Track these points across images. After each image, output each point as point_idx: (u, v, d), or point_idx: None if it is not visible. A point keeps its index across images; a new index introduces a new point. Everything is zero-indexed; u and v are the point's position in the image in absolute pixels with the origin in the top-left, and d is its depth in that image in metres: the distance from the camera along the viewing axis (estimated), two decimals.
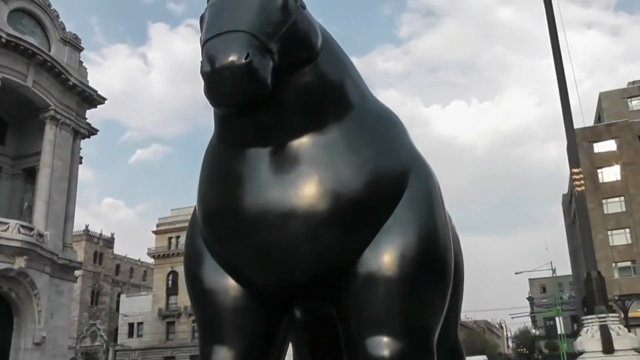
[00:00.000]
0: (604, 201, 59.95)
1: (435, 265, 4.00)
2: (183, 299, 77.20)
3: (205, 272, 4.19)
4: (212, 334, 4.14)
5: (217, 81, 3.22)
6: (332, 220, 3.71)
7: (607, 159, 60.59)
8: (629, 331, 17.38)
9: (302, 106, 3.75)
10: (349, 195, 3.74)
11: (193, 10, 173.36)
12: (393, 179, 3.95)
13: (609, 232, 58.63)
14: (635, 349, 15.45)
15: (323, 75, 3.85)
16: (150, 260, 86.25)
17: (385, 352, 3.71)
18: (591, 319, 16.36)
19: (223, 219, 3.91)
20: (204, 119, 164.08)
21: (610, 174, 60.80)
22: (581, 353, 16.22)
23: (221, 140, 4.03)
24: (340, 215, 3.72)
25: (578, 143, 66.03)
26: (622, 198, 59.31)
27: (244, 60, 3.16)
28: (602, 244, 58.87)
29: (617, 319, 16.29)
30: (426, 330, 3.92)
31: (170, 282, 79.32)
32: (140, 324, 79.38)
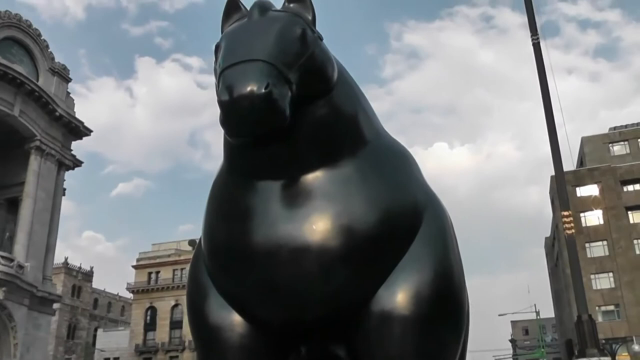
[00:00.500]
0: (586, 245, 60.21)
1: (451, 305, 3.94)
2: (161, 334, 76.15)
3: (210, 308, 4.04)
4: None
5: (236, 111, 3.13)
6: (346, 258, 3.59)
7: (589, 203, 61.16)
8: None
9: (317, 139, 3.65)
10: (365, 232, 3.64)
11: (180, 45, 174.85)
12: (409, 216, 3.88)
13: (592, 276, 58.78)
14: None
15: (338, 108, 3.76)
16: (129, 295, 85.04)
17: None
18: None
19: (232, 254, 3.78)
20: (186, 156, 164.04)
21: (592, 218, 61.33)
22: None
23: (232, 172, 3.92)
24: (355, 252, 3.61)
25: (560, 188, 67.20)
26: (604, 242, 59.71)
27: (263, 90, 3.08)
28: (584, 287, 59.10)
29: None
30: None
31: (148, 318, 78.23)
32: (116, 359, 77.95)
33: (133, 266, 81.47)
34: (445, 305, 3.86)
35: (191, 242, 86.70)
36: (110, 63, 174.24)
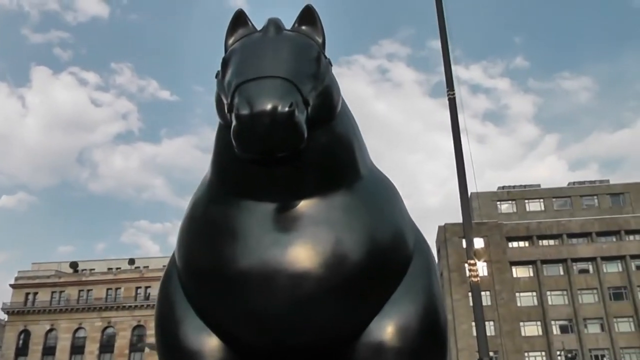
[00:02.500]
0: (469, 294, 63.08)
1: (438, 338, 3.99)
2: None
3: (187, 331, 3.85)
4: None
5: (255, 126, 2.97)
6: (342, 288, 3.52)
7: (475, 255, 64.18)
8: None
9: (317, 167, 3.55)
10: (362, 264, 3.58)
11: (78, 58, 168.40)
12: (402, 250, 3.89)
13: (473, 323, 61.54)
14: None
15: (339, 137, 3.68)
16: (3, 316, 79.45)
17: None
18: None
19: (219, 277, 3.60)
20: (72, 174, 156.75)
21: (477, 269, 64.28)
22: None
23: (222, 190, 3.75)
24: (351, 284, 3.55)
25: (448, 238, 69.99)
26: (487, 293, 62.60)
27: (287, 109, 2.98)
28: (465, 334, 61.87)
29: None
30: None
31: (21, 342, 73.56)
32: None
33: (11, 285, 76.55)
34: (434, 339, 3.92)
35: (72, 265, 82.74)
36: (5, 67, 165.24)
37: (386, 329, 3.70)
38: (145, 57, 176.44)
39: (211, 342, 3.79)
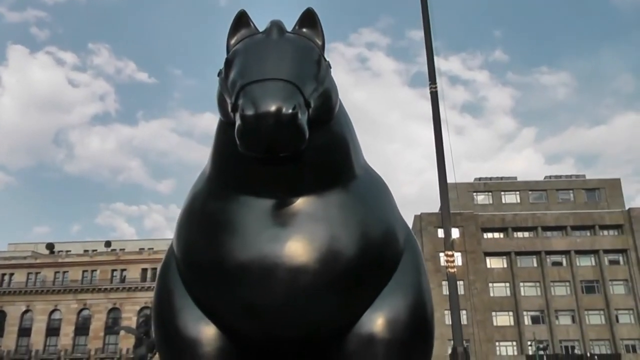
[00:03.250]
0: (443, 282, 63.92)
1: (427, 329, 4.18)
2: (7, 342, 71.14)
3: (186, 320, 3.97)
4: None
5: (260, 126, 3.07)
6: (338, 282, 3.66)
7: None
8: None
9: (315, 164, 3.65)
10: (357, 259, 3.72)
11: (56, 38, 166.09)
12: (394, 246, 4.04)
13: (445, 312, 62.42)
14: None
15: (336, 137, 3.81)
16: None
17: None
18: None
19: (219, 269, 3.72)
20: (49, 155, 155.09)
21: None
22: None
23: (222, 185, 3.86)
24: (347, 278, 3.69)
25: (423, 227, 70.56)
26: (461, 282, 63.34)
27: (291, 111, 3.08)
28: (438, 322, 62.57)
29: None
30: None
31: None
32: None
33: None
34: (422, 331, 4.08)
35: (49, 246, 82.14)
36: None
37: (377, 321, 3.86)
38: (123, 38, 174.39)
39: (209, 331, 3.91)
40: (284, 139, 3.16)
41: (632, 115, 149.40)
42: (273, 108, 3.06)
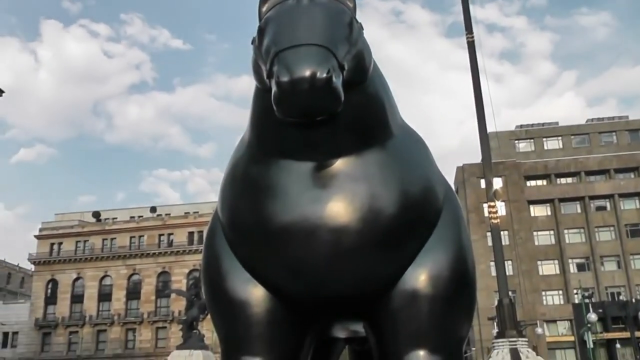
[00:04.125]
0: (487, 233, 63.67)
1: (469, 284, 4.22)
2: (61, 309, 73.72)
3: (235, 283, 4.10)
4: (242, 345, 4.06)
5: (295, 92, 3.12)
6: (381, 240, 3.74)
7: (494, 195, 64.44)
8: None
9: (352, 126, 3.69)
10: (398, 216, 3.78)
11: (88, 10, 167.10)
12: (434, 203, 4.07)
13: (491, 263, 62.36)
14: None
15: (372, 97, 3.83)
16: (30, 267, 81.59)
17: None
18: (502, 342, 17.65)
19: (264, 232, 3.83)
20: (89, 126, 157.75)
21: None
22: None
23: (262, 150, 3.94)
24: (389, 236, 3.76)
25: (466, 178, 70.07)
26: (505, 232, 63.08)
27: (325, 75, 3.11)
28: (483, 273, 62.55)
29: (526, 343, 17.67)
30: (460, 342, 4.20)
31: (49, 291, 75.62)
32: (15, 333, 74.97)
33: (36, 236, 78.27)
34: (464, 286, 4.13)
35: (95, 214, 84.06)
36: (15, 23, 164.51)
37: (420, 277, 3.94)
38: (155, 6, 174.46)
39: (257, 293, 4.04)
40: (320, 103, 3.20)
41: None
42: (307, 73, 3.09)
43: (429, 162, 4.27)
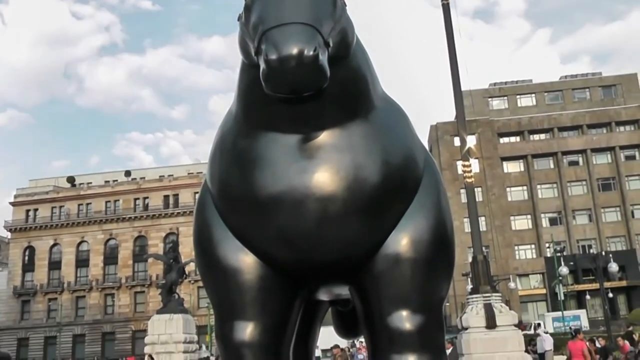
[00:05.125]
0: (461, 191, 64.42)
1: (449, 247, 4.47)
2: (39, 276, 73.33)
3: (227, 251, 4.28)
4: (235, 311, 4.26)
5: (283, 69, 3.22)
6: (365, 207, 3.93)
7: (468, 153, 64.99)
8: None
9: (336, 98, 3.81)
10: (382, 184, 3.97)
11: None
12: (414, 170, 4.28)
13: (465, 220, 63.23)
14: (515, 325, 17.34)
15: (355, 71, 3.97)
16: (6, 234, 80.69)
17: (408, 325, 4.11)
18: (476, 297, 18.01)
19: (254, 201, 3.98)
20: (60, 90, 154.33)
21: None
22: (466, 328, 17.83)
23: (250, 123, 4.07)
24: (373, 202, 3.95)
25: (440, 136, 70.48)
26: (479, 189, 63.72)
27: (312, 53, 3.21)
28: (457, 230, 62.39)
29: (499, 298, 18.09)
30: (440, 302, 4.45)
31: (26, 258, 75.06)
32: None
33: (11, 203, 77.24)
34: (444, 249, 4.38)
35: (69, 179, 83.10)
36: None
37: (402, 242, 4.18)
38: None
39: (248, 260, 4.25)
40: (307, 79, 3.31)
41: None
42: (295, 51, 3.19)
43: (409, 132, 4.45)
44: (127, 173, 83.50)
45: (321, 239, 3.95)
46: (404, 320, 4.12)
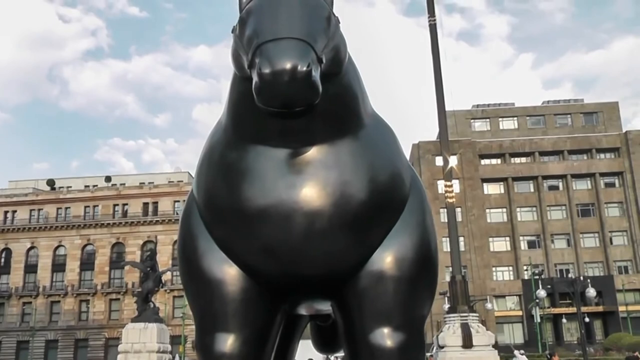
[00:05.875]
0: (441, 210, 64.75)
1: (432, 266, 4.51)
2: (14, 279, 72.21)
3: (211, 262, 4.27)
4: (217, 322, 4.25)
5: (276, 84, 3.22)
6: (348, 224, 3.96)
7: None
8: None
9: (327, 115, 3.82)
10: (368, 201, 3.99)
11: None
12: (401, 189, 4.31)
13: (443, 239, 63.48)
14: (492, 345, 17.46)
15: (346, 88, 3.99)
16: None
17: (389, 343, 4.11)
18: (454, 317, 18.15)
19: (240, 215, 3.98)
20: (43, 92, 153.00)
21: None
22: (442, 347, 17.92)
23: (239, 136, 4.06)
24: (355, 218, 3.97)
25: (421, 155, 70.83)
26: (459, 209, 64.11)
27: (305, 68, 3.22)
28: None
29: (477, 318, 18.22)
30: (421, 321, 4.48)
31: (2, 260, 73.92)
32: None
33: None
34: (428, 267, 4.42)
35: (49, 182, 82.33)
36: None
37: (386, 259, 4.20)
38: None
39: (232, 272, 4.25)
40: (300, 95, 3.31)
41: (630, 38, 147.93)
42: (288, 66, 3.20)
43: (397, 150, 4.48)
44: (108, 179, 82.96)
45: (307, 253, 3.97)
46: (385, 337, 4.13)
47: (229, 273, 4.25)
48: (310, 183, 3.89)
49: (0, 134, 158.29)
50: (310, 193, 3.87)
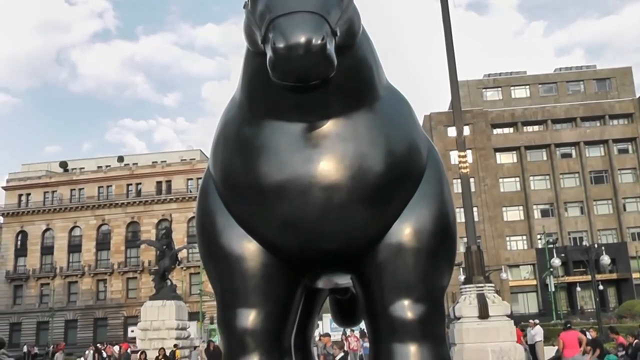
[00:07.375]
0: (454, 181, 64.59)
1: (451, 237, 4.50)
2: (32, 261, 73.13)
3: (230, 238, 4.28)
4: (237, 298, 4.27)
5: (291, 58, 3.19)
6: (366, 197, 3.95)
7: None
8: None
9: (342, 88, 3.80)
10: (386, 173, 3.98)
11: None
12: (418, 160, 4.30)
13: (457, 209, 63.28)
14: (507, 315, 17.45)
15: (361, 60, 3.96)
16: None
17: (410, 315, 4.13)
18: (469, 287, 18.11)
19: (257, 190, 3.98)
20: (52, 75, 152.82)
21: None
22: (459, 318, 17.94)
23: (255, 112, 4.05)
24: (373, 191, 3.96)
25: (433, 127, 70.53)
26: (471, 179, 63.92)
27: (320, 42, 3.19)
28: None
29: (492, 288, 18.19)
30: (441, 292, 4.47)
31: (19, 243, 74.81)
32: None
33: (3, 187, 76.84)
34: (446, 238, 4.40)
35: (62, 164, 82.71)
36: None
37: (405, 231, 4.19)
38: None
39: (252, 247, 4.26)
40: (315, 68, 3.29)
41: None
42: (303, 39, 3.17)
43: (413, 122, 4.46)
44: (120, 159, 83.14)
45: (325, 227, 3.96)
46: (406, 309, 4.14)
47: (248, 249, 4.24)
48: (327, 157, 3.88)
49: (12, 119, 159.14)
50: (328, 167, 3.86)
